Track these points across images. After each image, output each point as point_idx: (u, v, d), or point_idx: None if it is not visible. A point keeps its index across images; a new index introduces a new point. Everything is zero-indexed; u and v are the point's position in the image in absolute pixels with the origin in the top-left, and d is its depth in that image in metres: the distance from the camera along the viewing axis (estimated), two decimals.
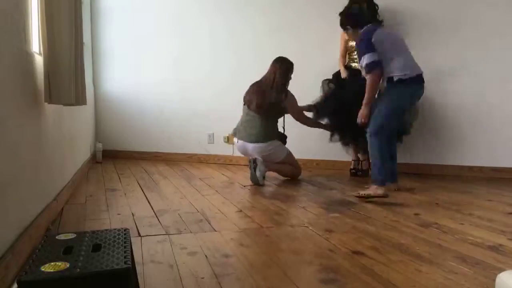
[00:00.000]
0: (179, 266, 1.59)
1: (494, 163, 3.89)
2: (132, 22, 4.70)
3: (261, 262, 1.67)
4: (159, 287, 1.42)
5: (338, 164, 4.17)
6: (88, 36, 4.61)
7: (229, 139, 4.45)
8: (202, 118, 4.59)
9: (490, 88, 3.89)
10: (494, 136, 3.89)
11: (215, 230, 2.08)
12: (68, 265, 1.01)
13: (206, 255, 1.71)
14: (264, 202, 2.74)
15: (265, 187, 3.29)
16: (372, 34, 2.84)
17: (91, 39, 4.71)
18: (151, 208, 2.52)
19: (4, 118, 1.46)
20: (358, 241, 1.93)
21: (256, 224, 2.20)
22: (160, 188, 3.15)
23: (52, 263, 1.02)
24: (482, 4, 3.85)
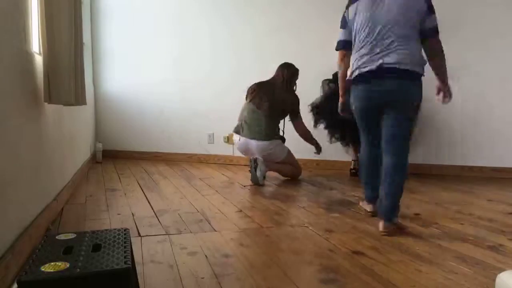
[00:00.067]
0: (179, 266, 1.59)
1: (494, 163, 3.90)
2: (132, 22, 4.70)
3: (261, 262, 1.67)
4: (159, 287, 1.42)
5: (338, 164, 4.17)
6: (88, 36, 4.61)
7: (229, 139, 4.45)
8: (202, 118, 4.59)
9: (490, 88, 3.89)
10: (494, 136, 3.89)
11: (215, 230, 2.08)
12: (68, 265, 1.01)
13: (206, 255, 1.71)
14: (264, 202, 2.73)
15: (265, 187, 3.29)
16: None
17: (91, 39, 4.71)
18: (151, 208, 2.52)
19: (4, 118, 1.46)
20: (358, 241, 1.93)
21: (256, 224, 2.20)
22: (160, 188, 3.15)
23: (52, 263, 1.02)
24: (482, 4, 3.86)
